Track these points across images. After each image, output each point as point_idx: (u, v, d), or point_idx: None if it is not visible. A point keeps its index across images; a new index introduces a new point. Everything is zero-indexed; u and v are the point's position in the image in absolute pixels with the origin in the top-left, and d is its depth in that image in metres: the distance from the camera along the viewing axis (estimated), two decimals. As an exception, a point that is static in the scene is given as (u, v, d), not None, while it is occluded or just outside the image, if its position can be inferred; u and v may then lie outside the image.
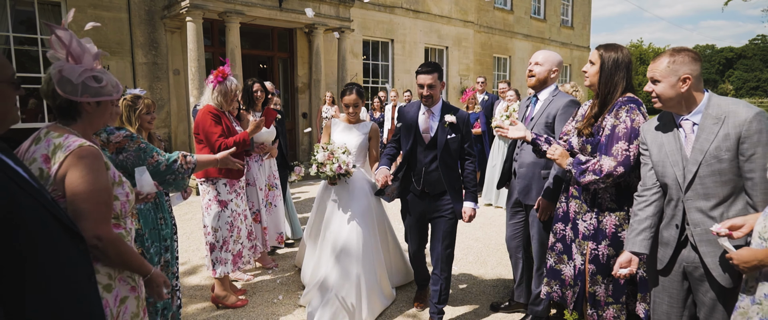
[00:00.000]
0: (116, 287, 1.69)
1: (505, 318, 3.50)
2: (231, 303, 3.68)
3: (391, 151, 3.43)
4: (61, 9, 8.25)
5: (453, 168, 3.24)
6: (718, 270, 1.94)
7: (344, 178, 3.51)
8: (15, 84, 1.32)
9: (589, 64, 2.53)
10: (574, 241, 2.60)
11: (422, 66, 3.17)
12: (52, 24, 1.62)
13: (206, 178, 3.64)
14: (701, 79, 2.02)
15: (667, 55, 2.04)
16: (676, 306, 2.18)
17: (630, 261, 2.17)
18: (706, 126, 1.97)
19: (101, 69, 1.73)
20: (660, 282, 2.21)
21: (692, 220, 2.00)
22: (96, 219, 1.55)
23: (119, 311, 1.72)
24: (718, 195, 1.94)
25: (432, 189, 3.22)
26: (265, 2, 9.13)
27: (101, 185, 1.57)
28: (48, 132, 1.65)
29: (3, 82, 1.29)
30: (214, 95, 3.54)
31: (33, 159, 1.59)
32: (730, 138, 1.90)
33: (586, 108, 2.69)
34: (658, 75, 2.03)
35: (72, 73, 1.62)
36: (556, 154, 2.56)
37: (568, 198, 2.64)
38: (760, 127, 1.85)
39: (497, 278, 4.35)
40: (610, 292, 2.46)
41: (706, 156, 1.94)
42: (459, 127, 3.20)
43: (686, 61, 1.99)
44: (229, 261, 3.65)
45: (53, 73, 1.62)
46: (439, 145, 3.17)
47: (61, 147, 1.58)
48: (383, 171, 3.16)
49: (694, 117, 2.02)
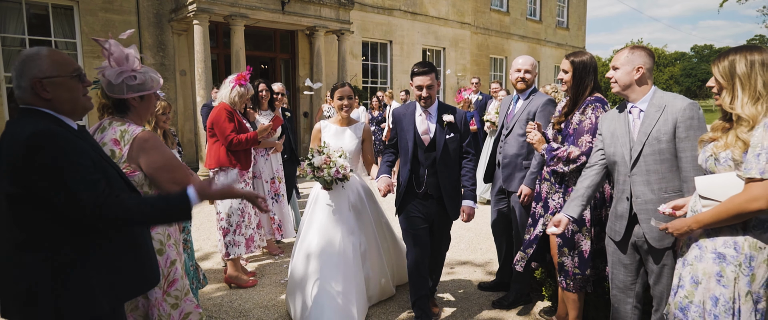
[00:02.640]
0: (166, 252, 2.08)
1: (492, 295, 3.87)
2: (243, 282, 4.05)
3: (390, 157, 3.34)
4: (73, 12, 8.63)
5: (453, 168, 3.19)
6: (652, 234, 2.34)
7: (341, 183, 3.37)
8: (79, 76, 1.68)
9: (563, 72, 2.95)
10: (542, 216, 3.00)
11: (418, 66, 3.07)
12: (98, 39, 2.00)
13: (219, 168, 4.01)
14: (652, 73, 2.44)
15: (627, 49, 2.46)
16: (630, 275, 2.56)
17: (560, 222, 2.55)
18: (650, 113, 2.36)
19: (140, 68, 2.09)
20: (617, 255, 2.58)
21: (635, 192, 2.39)
22: (173, 182, 1.95)
23: (170, 271, 2.11)
24: (658, 171, 2.33)
25: (434, 190, 3.15)
26: (268, 6, 9.51)
27: (169, 155, 1.98)
28: (111, 122, 2.05)
29: (67, 76, 1.64)
30: (232, 95, 3.92)
31: (103, 143, 1.98)
32: (668, 123, 2.29)
33: (561, 105, 3.11)
34: (619, 64, 2.43)
35: (112, 76, 1.99)
36: (534, 140, 2.96)
37: (541, 181, 3.08)
38: (691, 114, 2.25)
39: (486, 262, 4.73)
40: (576, 264, 2.84)
41: (649, 138, 2.32)
42: (457, 126, 3.16)
43: (642, 55, 2.40)
44: (241, 243, 4.03)
45: (101, 80, 2.00)
46: (439, 146, 3.11)
47: (126, 131, 1.99)
48: (385, 179, 3.11)
49: (642, 104, 2.41)
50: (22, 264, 1.52)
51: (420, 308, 3.22)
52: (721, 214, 1.83)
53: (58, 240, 1.54)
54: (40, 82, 1.59)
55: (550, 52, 19.91)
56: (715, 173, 1.93)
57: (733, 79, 1.87)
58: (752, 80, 1.83)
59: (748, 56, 1.86)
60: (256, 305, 3.71)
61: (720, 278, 1.88)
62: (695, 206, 2.04)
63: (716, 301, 1.88)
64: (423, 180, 3.14)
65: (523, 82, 3.52)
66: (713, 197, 1.90)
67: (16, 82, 1.63)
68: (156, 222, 1.67)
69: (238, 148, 3.90)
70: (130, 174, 2.00)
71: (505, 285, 3.88)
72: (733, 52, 1.92)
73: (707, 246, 1.94)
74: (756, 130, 1.79)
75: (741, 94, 1.85)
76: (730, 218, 1.82)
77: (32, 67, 1.59)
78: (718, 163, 1.90)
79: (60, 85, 1.62)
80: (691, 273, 2.00)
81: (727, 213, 1.82)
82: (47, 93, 1.60)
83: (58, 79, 1.61)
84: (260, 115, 4.83)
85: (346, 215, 3.42)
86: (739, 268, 1.85)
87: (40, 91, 1.59)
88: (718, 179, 1.90)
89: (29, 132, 1.50)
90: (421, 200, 3.18)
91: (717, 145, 1.93)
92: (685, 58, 63.54)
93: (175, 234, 2.36)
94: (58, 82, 1.61)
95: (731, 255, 1.87)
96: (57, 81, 1.61)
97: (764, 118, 1.79)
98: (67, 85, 1.64)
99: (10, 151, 1.51)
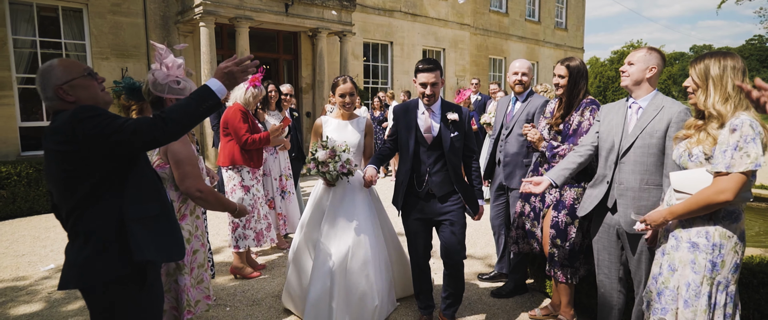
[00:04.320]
0: (192, 242, 2.31)
1: (491, 285, 4.09)
2: (247, 273, 4.30)
3: (386, 151, 3.27)
4: (82, 15, 8.84)
5: (458, 166, 3.11)
6: (625, 220, 2.60)
7: (345, 179, 3.27)
8: (90, 74, 1.89)
9: (559, 77, 3.16)
10: (541, 210, 3.25)
11: (422, 63, 2.99)
12: (156, 43, 2.25)
13: (232, 166, 4.23)
14: (659, 76, 2.66)
15: (646, 49, 2.68)
16: (614, 261, 2.79)
17: (540, 183, 2.78)
18: (649, 111, 2.59)
19: (183, 77, 2.34)
20: (602, 243, 2.81)
21: (620, 179, 2.64)
22: (195, 177, 2.20)
23: (191, 260, 2.33)
24: (644, 163, 2.57)
25: (438, 190, 3.06)
26: (272, 8, 9.72)
27: (192, 153, 2.21)
28: None
29: (80, 76, 1.85)
30: (247, 96, 4.15)
31: None
32: (662, 122, 2.52)
33: (552, 105, 3.34)
34: (635, 60, 2.65)
35: (161, 77, 2.23)
36: (534, 138, 3.18)
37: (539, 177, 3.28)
38: (684, 117, 2.48)
39: (485, 256, 4.95)
40: (566, 256, 3.07)
41: (643, 132, 2.56)
42: (461, 125, 3.09)
43: (657, 58, 2.63)
44: (251, 237, 4.25)
45: (150, 77, 2.23)
46: (445, 145, 3.03)
47: None
48: (371, 171, 3.08)
49: (643, 102, 2.64)
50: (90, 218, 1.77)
51: (423, 301, 3.32)
52: (693, 206, 2.05)
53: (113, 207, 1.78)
54: (61, 88, 1.81)
55: (548, 52, 20.14)
56: (688, 169, 2.15)
57: (708, 80, 2.09)
58: (724, 82, 2.05)
59: (722, 61, 2.08)
60: (267, 295, 3.94)
61: (693, 265, 2.08)
62: (670, 200, 2.26)
63: (688, 286, 2.08)
64: (424, 179, 3.06)
65: (521, 84, 3.74)
66: (685, 190, 2.12)
67: (43, 94, 1.85)
68: (198, 113, 1.77)
69: (251, 148, 4.13)
70: (160, 167, 2.23)
71: (504, 277, 4.10)
72: (709, 56, 2.14)
73: (682, 237, 2.14)
74: (723, 129, 2.01)
75: (713, 94, 2.06)
76: (701, 209, 2.04)
77: (50, 78, 1.81)
78: (690, 159, 2.12)
79: (77, 86, 1.84)
80: (669, 262, 2.20)
81: (698, 205, 2.03)
82: (70, 96, 1.82)
83: (74, 81, 1.83)
84: (269, 115, 5.05)
85: (358, 213, 3.27)
86: (710, 255, 2.06)
87: (64, 95, 1.82)
88: (690, 174, 2.12)
89: (72, 109, 1.73)
90: (422, 200, 3.10)
91: (690, 142, 2.15)
92: (685, 58, 63.88)
93: (201, 227, 2.59)
94: (74, 84, 1.83)
95: (703, 244, 2.07)
96: (74, 83, 1.83)
97: (731, 118, 2.01)
98: (82, 85, 1.86)
99: (59, 129, 1.71)
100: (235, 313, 3.60)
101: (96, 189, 1.75)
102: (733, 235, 2.06)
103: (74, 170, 1.72)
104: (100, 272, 1.74)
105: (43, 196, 7.02)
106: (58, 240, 5.57)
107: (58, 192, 1.79)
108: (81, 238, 1.78)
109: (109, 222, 1.76)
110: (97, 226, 1.76)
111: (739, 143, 1.93)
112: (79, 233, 1.78)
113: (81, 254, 1.75)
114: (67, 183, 1.74)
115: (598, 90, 34.08)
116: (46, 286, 4.15)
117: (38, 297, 3.92)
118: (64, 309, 3.68)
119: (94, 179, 1.73)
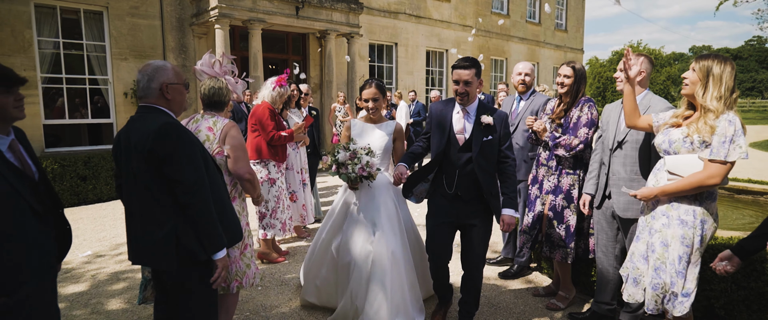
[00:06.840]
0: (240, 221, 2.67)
1: (497, 269, 4.46)
2: (272, 258, 4.67)
3: (418, 150, 3.17)
4: (102, 17, 9.21)
5: (489, 171, 2.99)
6: (619, 206, 2.98)
7: (367, 182, 3.23)
8: (187, 86, 2.25)
9: (564, 77, 3.51)
10: (538, 197, 3.60)
11: (460, 60, 2.92)
12: (213, 55, 2.66)
13: (259, 160, 4.59)
14: (649, 77, 3.02)
15: (634, 56, 3.02)
16: (611, 240, 3.16)
17: (587, 203, 3.23)
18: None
19: (235, 81, 2.77)
20: (600, 224, 3.18)
21: (612, 169, 3.02)
22: (247, 162, 2.58)
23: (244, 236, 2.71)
24: (632, 156, 2.94)
25: (465, 193, 3.00)
26: (284, 11, 10.10)
27: (242, 141, 2.62)
28: (203, 115, 2.66)
29: (182, 84, 2.21)
30: (274, 94, 4.51)
31: (198, 130, 2.60)
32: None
33: (553, 104, 3.70)
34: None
35: (232, 86, 2.65)
36: (539, 128, 3.54)
37: (538, 166, 3.67)
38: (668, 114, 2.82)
39: (492, 243, 5.31)
40: (562, 237, 3.44)
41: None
42: (496, 128, 2.98)
43: (646, 62, 3.01)
44: (277, 226, 4.62)
45: (223, 85, 2.64)
46: (475, 148, 2.94)
47: (218, 121, 2.63)
48: (401, 168, 3.03)
49: None
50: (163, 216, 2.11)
51: (441, 293, 3.34)
52: (685, 186, 2.35)
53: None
54: (167, 86, 2.16)
55: (548, 53, 20.51)
56: (680, 153, 2.45)
57: (708, 76, 2.36)
58: (722, 81, 2.34)
59: (723, 64, 2.36)
60: (293, 277, 4.31)
61: (683, 239, 2.39)
62: (659, 181, 2.58)
63: (680, 259, 2.38)
64: (454, 180, 3.00)
65: (524, 84, 4.10)
66: (678, 172, 2.42)
67: (145, 83, 2.16)
68: (205, 224, 2.10)
69: (278, 143, 4.49)
70: (219, 154, 2.60)
71: (509, 261, 4.47)
72: (713, 57, 2.41)
73: (672, 215, 2.45)
74: (720, 122, 2.30)
75: (712, 90, 2.34)
76: (691, 190, 2.35)
77: (162, 75, 2.16)
78: (684, 145, 2.39)
79: (177, 90, 2.21)
80: (661, 239, 2.47)
81: (690, 186, 2.34)
82: (170, 95, 2.18)
83: (178, 85, 2.20)
84: (291, 113, 5.42)
85: (381, 217, 3.24)
86: (695, 230, 2.39)
87: (166, 93, 2.17)
88: (683, 159, 2.42)
89: (161, 122, 2.07)
90: (449, 201, 3.04)
91: (689, 129, 2.40)
92: (684, 58, 64.23)
93: (246, 208, 2.96)
94: (177, 88, 2.20)
95: (690, 221, 2.39)
96: (177, 87, 2.20)
97: (724, 113, 2.31)
98: (180, 90, 2.23)
99: (143, 138, 2.02)
100: (266, 292, 3.97)
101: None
102: (712, 213, 2.41)
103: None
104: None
105: (67, 190, 7.39)
106: (88, 230, 5.95)
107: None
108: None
109: None
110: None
111: (734, 136, 2.25)
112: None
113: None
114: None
115: (598, 91, 34.38)
116: (88, 269, 4.52)
117: (83, 278, 4.29)
118: (110, 288, 4.05)
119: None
